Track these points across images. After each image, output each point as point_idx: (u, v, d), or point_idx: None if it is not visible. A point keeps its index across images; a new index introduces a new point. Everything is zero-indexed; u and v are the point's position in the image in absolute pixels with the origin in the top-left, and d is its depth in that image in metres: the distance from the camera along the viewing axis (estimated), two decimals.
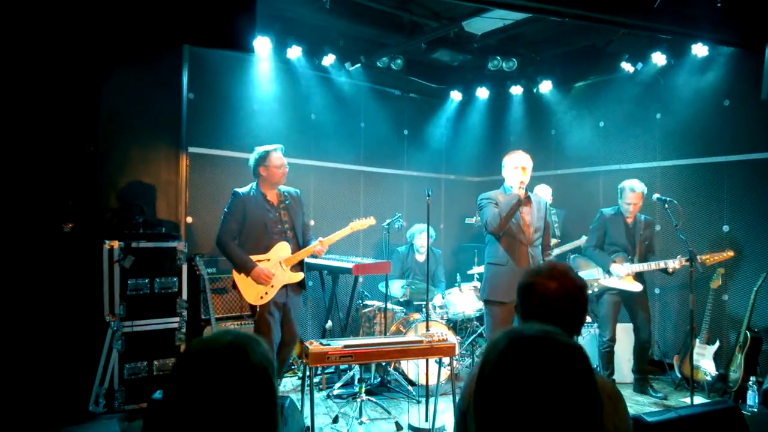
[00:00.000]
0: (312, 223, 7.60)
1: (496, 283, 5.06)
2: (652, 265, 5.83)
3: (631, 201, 5.95)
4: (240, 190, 5.25)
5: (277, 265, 5.16)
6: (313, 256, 5.54)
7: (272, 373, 1.49)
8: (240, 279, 5.10)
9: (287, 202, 5.38)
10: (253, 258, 5.09)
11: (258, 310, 5.13)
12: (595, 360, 6.02)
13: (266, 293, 5.10)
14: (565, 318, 2.12)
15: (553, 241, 6.77)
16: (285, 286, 5.23)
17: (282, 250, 5.23)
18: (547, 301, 2.13)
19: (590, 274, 5.99)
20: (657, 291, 7.06)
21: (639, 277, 5.96)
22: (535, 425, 1.31)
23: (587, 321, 6.47)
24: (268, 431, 1.45)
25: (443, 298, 7.10)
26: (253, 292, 5.09)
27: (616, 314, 6.06)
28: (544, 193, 7.28)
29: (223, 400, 1.37)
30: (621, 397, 2.08)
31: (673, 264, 5.72)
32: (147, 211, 6.01)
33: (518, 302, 2.25)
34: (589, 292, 5.83)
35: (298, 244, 5.36)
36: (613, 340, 6.01)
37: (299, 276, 5.31)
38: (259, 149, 5.27)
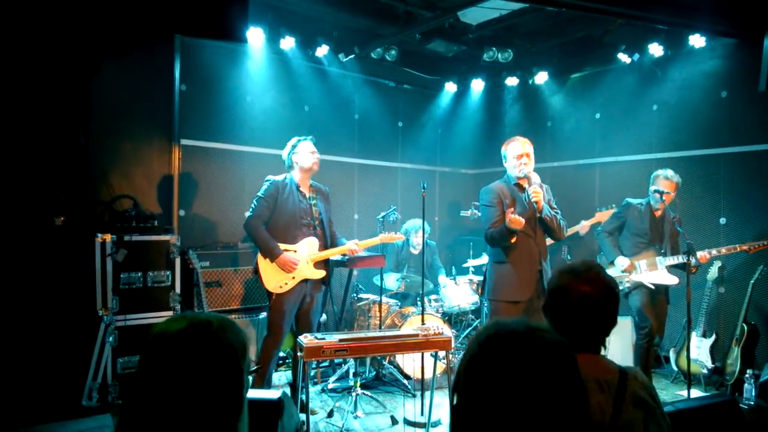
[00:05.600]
0: None
1: (505, 282, 4.77)
2: (678, 258, 5.56)
3: (664, 188, 5.56)
4: (275, 178, 5.27)
5: (302, 259, 5.16)
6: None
7: (241, 354, 1.52)
8: (263, 265, 5.12)
9: (318, 196, 5.43)
10: (281, 246, 5.11)
11: (274, 298, 5.13)
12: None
13: (286, 283, 5.11)
14: (599, 321, 2.08)
15: None
16: (306, 282, 5.21)
17: (310, 245, 5.24)
18: (582, 304, 2.06)
19: (616, 271, 5.69)
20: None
21: (673, 270, 5.68)
22: (512, 419, 1.29)
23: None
24: (233, 411, 1.49)
25: (448, 278, 7.18)
26: (273, 280, 5.10)
27: (650, 302, 5.67)
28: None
29: (193, 378, 1.42)
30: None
31: (702, 254, 5.42)
32: (139, 205, 5.97)
33: (548, 305, 2.17)
34: (621, 287, 5.72)
35: (325, 242, 5.36)
36: (653, 330, 5.57)
37: (321, 273, 5.29)
38: (292, 140, 5.35)
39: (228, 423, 1.47)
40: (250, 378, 1.65)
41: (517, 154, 4.80)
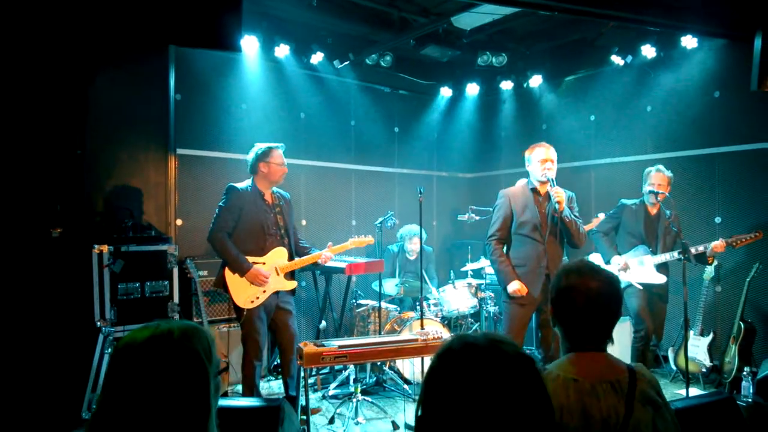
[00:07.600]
0: (303, 222, 7.58)
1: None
2: (666, 256, 5.62)
3: (658, 182, 5.64)
4: (237, 185, 5.07)
5: (272, 270, 5.03)
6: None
7: (207, 360, 1.55)
8: (232, 279, 4.90)
9: (281, 203, 5.27)
10: (249, 259, 4.94)
11: (246, 314, 4.94)
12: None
13: (257, 297, 4.94)
14: (607, 315, 2.10)
15: None
16: (277, 293, 5.08)
17: (279, 255, 5.09)
18: (592, 301, 2.08)
19: (613, 270, 5.68)
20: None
21: (662, 269, 5.73)
22: None
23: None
24: (202, 417, 1.51)
25: (439, 292, 7.11)
26: (244, 295, 4.91)
27: (647, 305, 5.78)
28: None
29: (158, 387, 1.45)
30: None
31: (695, 249, 5.50)
32: (136, 215, 5.96)
33: (557, 307, 2.17)
34: None
35: (291, 250, 5.23)
36: (648, 332, 5.71)
37: (293, 284, 5.19)
38: (261, 145, 5.16)
39: (197, 429, 1.50)
40: (219, 381, 1.68)
41: (542, 159, 5.00)
